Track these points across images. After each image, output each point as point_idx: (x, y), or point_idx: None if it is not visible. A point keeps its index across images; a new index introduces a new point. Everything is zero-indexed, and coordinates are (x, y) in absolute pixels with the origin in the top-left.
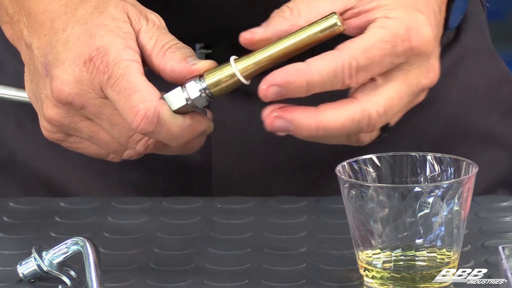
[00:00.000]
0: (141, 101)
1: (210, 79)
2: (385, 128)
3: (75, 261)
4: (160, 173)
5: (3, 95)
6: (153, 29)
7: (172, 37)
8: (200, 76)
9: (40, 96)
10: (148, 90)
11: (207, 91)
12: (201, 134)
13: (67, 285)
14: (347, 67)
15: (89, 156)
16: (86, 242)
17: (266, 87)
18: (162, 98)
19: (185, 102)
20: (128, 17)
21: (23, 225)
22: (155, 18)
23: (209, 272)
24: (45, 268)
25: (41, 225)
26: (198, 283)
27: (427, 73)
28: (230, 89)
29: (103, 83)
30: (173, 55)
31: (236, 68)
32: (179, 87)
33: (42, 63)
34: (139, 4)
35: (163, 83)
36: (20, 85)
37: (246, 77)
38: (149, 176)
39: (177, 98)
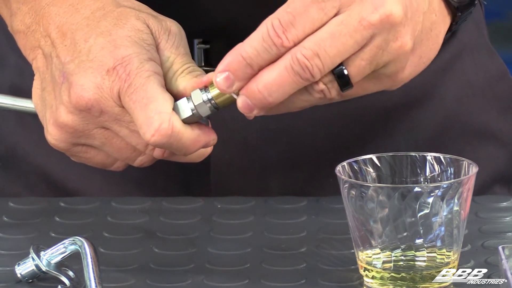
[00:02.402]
0: (156, 112)
1: (215, 90)
2: (344, 80)
3: (73, 262)
4: (159, 169)
5: (2, 104)
6: (172, 48)
7: (188, 59)
8: (206, 88)
9: (50, 103)
10: (164, 101)
11: (212, 102)
12: (205, 145)
13: (65, 285)
14: (271, 28)
15: (91, 165)
16: (84, 241)
17: (215, 79)
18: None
19: (191, 113)
20: (150, 29)
21: (23, 225)
22: (176, 29)
23: (209, 272)
24: (43, 268)
25: (41, 225)
26: (198, 283)
27: (374, 7)
28: (234, 101)
29: (123, 91)
30: (183, 78)
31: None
32: (185, 98)
33: (60, 70)
34: (158, 14)
35: None
36: (20, 79)
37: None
38: (149, 172)
39: (183, 108)
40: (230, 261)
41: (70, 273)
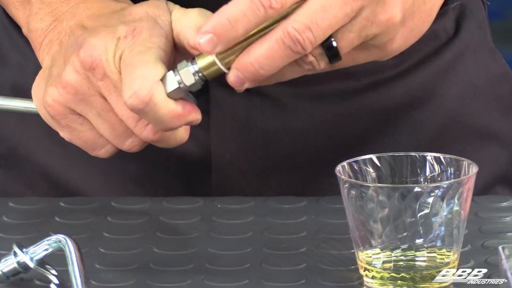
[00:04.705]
0: (139, 77)
1: (202, 62)
2: (333, 52)
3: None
4: (160, 166)
5: (4, 106)
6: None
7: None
8: (193, 60)
9: (57, 71)
10: (154, 69)
11: (200, 74)
12: (188, 123)
13: (56, 282)
14: None
15: (80, 146)
16: (68, 240)
17: (198, 40)
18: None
19: (178, 85)
20: (167, 6)
21: (23, 225)
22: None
23: (209, 272)
24: (31, 265)
25: (41, 225)
26: (198, 283)
27: None
28: (222, 72)
29: (123, 56)
30: (191, 19)
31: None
32: (171, 71)
33: (74, 42)
34: None
35: None
36: (22, 78)
37: (226, 64)
38: (150, 170)
39: (170, 81)
40: (230, 261)
41: (53, 272)
